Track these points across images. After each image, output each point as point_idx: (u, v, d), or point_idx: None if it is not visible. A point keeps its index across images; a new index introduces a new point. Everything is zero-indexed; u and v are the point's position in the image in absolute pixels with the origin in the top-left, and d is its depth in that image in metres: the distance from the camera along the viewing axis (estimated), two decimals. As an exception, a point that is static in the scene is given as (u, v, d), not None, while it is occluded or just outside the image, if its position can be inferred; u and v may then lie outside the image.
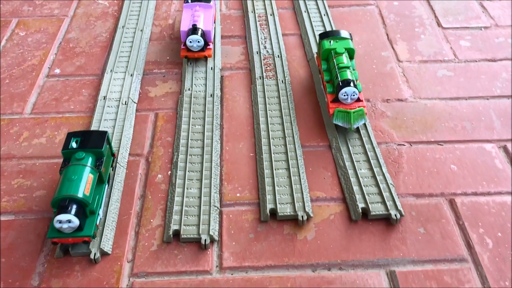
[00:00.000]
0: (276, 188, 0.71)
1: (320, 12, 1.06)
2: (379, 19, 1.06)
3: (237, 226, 0.68)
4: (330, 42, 0.83)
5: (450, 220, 0.68)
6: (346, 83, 0.76)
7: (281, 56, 0.95)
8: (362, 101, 0.78)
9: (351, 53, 0.84)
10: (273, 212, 0.69)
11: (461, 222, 0.67)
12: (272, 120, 0.82)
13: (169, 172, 0.75)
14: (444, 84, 0.89)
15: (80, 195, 0.61)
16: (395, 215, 0.66)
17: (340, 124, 0.77)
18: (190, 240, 0.66)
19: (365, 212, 0.68)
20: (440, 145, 0.78)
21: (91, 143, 0.67)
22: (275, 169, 0.74)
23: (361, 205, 0.68)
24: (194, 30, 0.88)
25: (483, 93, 0.87)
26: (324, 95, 0.85)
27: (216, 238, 0.66)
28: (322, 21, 1.04)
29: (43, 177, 0.75)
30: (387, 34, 1.01)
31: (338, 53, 0.81)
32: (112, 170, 0.74)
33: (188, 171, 0.74)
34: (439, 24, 1.03)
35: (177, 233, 0.66)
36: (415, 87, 0.89)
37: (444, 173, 0.74)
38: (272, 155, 0.76)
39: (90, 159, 0.66)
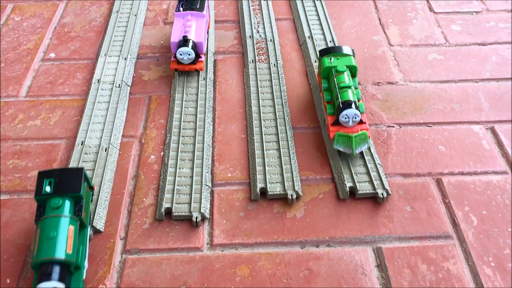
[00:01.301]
0: (267, 168, 0.72)
1: (313, -3, 1.07)
2: (372, 3, 1.06)
3: (228, 205, 0.69)
4: (330, 59, 0.78)
5: (436, 199, 0.69)
6: (347, 104, 0.70)
7: (273, 40, 0.96)
8: (365, 123, 0.72)
9: (353, 71, 0.78)
10: (263, 191, 0.70)
11: (447, 200, 0.69)
12: (264, 103, 0.83)
13: (162, 153, 0.76)
14: (434, 67, 0.90)
15: (62, 256, 0.55)
16: (382, 194, 0.68)
17: (341, 149, 0.72)
18: (181, 218, 0.67)
19: (353, 191, 0.69)
20: (429, 126, 0.80)
21: (67, 185, 0.60)
22: (266, 150, 0.75)
23: (349, 184, 0.69)
24: (184, 42, 0.83)
25: (472, 76, 0.88)
26: (325, 116, 0.78)
27: (207, 216, 0.67)
28: (315, 5, 1.05)
29: (37, 158, 0.76)
30: (379, 19, 1.02)
31: (339, 71, 0.76)
32: (105, 151, 0.75)
33: (181, 152, 0.75)
34: (431, 9, 1.04)
35: (169, 211, 0.68)
36: (406, 70, 0.90)
37: (432, 154, 0.75)
38: (263, 136, 0.77)
39: (67, 206, 0.59)
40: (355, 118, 0.71)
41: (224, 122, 0.82)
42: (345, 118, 0.71)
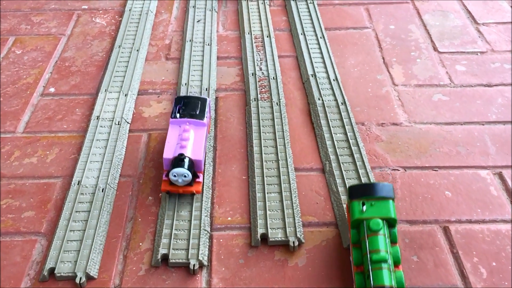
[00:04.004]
0: (268, 212, 0.70)
1: (316, 35, 1.06)
2: (375, 42, 1.06)
3: (227, 251, 0.67)
4: (362, 206, 0.60)
5: (444, 248, 0.66)
6: None
7: (276, 78, 0.95)
8: None
9: (391, 222, 0.60)
10: (264, 237, 0.68)
11: (455, 250, 0.66)
12: (266, 143, 0.81)
13: (160, 194, 0.74)
14: (439, 108, 0.89)
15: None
16: (388, 243, 0.65)
17: None
18: (178, 264, 0.64)
19: (357, 238, 0.67)
20: (435, 170, 0.78)
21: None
22: (267, 193, 0.73)
23: (353, 231, 0.67)
24: (179, 161, 0.68)
25: (478, 118, 0.86)
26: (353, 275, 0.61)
27: (205, 263, 0.65)
28: (318, 43, 1.04)
29: (32, 198, 0.74)
30: (383, 57, 1.01)
31: (372, 230, 0.57)
32: (102, 191, 0.73)
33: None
34: (435, 48, 1.03)
35: (165, 257, 0.65)
36: (410, 111, 0.89)
37: (439, 200, 0.73)
38: (265, 178, 0.75)
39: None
40: None
41: (224, 162, 0.80)
42: None
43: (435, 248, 0.66)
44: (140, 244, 0.68)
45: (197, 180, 0.71)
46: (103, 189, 0.73)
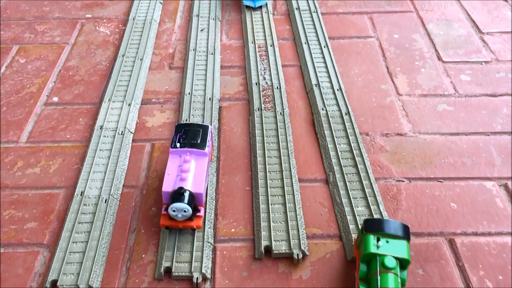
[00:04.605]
0: (272, 224, 0.70)
1: (320, 44, 1.06)
2: (379, 51, 1.05)
3: (231, 263, 0.66)
4: (378, 241, 0.58)
5: (449, 261, 0.66)
6: None
7: (280, 88, 0.95)
8: None
9: (404, 264, 0.58)
10: (268, 249, 0.67)
11: (461, 263, 0.66)
12: (270, 153, 0.81)
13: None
14: (444, 118, 0.88)
15: None
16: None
17: None
18: (182, 277, 0.64)
19: (362, 251, 0.66)
20: (440, 181, 0.77)
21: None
22: (271, 204, 0.73)
23: (358, 244, 0.66)
24: (179, 195, 0.64)
25: (483, 129, 0.86)
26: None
27: (209, 276, 0.64)
28: (322, 52, 1.04)
29: (35, 208, 0.73)
30: (387, 67, 1.01)
31: (386, 267, 0.56)
32: (105, 202, 0.72)
33: (183, 205, 0.72)
34: (439, 58, 1.03)
35: (169, 270, 0.65)
36: (415, 121, 0.88)
37: (444, 211, 0.72)
38: (269, 189, 0.75)
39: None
40: None
41: (228, 173, 0.79)
42: None
43: (441, 261, 0.66)
44: (143, 256, 0.67)
45: (198, 214, 0.67)
46: (106, 200, 0.73)
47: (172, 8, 1.21)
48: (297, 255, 0.66)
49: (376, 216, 0.70)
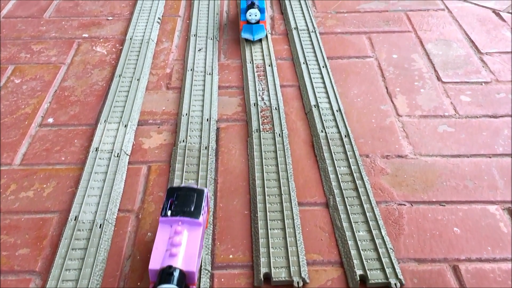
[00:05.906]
0: (271, 250, 0.68)
1: (319, 64, 1.05)
2: (378, 71, 1.05)
3: (229, 292, 0.64)
4: None
5: (454, 289, 0.64)
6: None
7: (278, 109, 0.94)
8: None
9: None
10: (267, 276, 0.65)
11: (466, 291, 0.64)
12: (268, 176, 0.79)
13: (160, 230, 0.72)
14: (445, 140, 0.87)
15: None
16: (395, 284, 0.63)
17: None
18: (178, 307, 0.62)
19: (363, 279, 0.64)
20: (442, 205, 0.75)
21: None
22: (270, 229, 0.71)
23: (359, 271, 0.64)
24: (168, 275, 0.57)
25: (485, 151, 0.85)
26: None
27: (206, 305, 0.62)
28: (321, 72, 1.03)
29: (27, 234, 0.71)
30: (386, 87, 1.00)
31: None
32: (100, 227, 0.71)
33: (179, 230, 0.70)
34: (438, 78, 1.02)
35: (164, 299, 0.63)
36: (416, 143, 0.87)
37: (447, 236, 0.71)
38: (268, 213, 0.73)
39: None
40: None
41: (226, 196, 0.78)
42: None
43: (445, 289, 0.64)
44: (138, 283, 0.65)
45: None
46: (100, 225, 0.71)
47: (170, 27, 1.21)
48: (298, 283, 0.64)
49: (378, 241, 0.68)
